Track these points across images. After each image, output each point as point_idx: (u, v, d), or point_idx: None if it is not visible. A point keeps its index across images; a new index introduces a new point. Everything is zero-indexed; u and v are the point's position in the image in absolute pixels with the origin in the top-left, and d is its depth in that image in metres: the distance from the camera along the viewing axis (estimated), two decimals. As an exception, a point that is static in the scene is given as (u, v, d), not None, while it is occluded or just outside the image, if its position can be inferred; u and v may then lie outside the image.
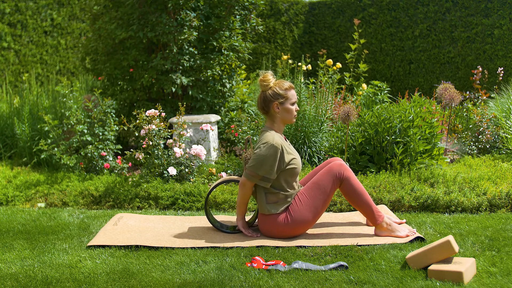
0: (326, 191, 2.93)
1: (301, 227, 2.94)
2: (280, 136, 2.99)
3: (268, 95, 2.98)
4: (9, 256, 2.73)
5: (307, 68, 6.90)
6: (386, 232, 2.92)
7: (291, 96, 3.00)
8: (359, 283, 2.32)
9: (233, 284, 2.33)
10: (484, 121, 5.08)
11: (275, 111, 2.99)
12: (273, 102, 2.97)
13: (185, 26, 4.95)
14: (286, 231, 2.93)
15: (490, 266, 2.47)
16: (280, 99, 2.97)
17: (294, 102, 3.02)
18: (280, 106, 2.98)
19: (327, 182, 2.93)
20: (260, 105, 3.03)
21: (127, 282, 2.36)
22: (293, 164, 2.95)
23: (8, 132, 5.18)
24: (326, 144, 4.49)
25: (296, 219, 2.91)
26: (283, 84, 2.99)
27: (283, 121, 3.03)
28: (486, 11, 8.90)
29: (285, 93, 2.98)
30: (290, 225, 2.92)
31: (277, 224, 2.92)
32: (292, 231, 2.94)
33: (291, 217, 2.92)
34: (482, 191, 3.57)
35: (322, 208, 2.95)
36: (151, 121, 4.02)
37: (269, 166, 2.88)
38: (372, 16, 10.07)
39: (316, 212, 2.93)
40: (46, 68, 7.82)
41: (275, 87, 2.99)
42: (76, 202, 3.83)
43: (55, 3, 7.92)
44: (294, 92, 3.03)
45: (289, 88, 3.00)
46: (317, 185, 2.94)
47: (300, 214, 2.92)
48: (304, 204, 2.93)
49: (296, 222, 2.92)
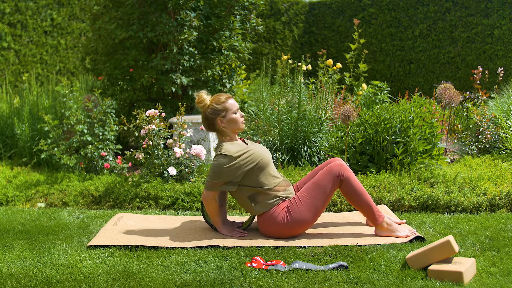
0: (326, 191, 2.93)
1: (301, 227, 2.94)
2: (235, 143, 3.00)
3: (208, 114, 3.03)
4: (9, 256, 2.73)
5: (307, 68, 6.90)
6: (386, 232, 2.93)
7: (231, 106, 3.02)
8: (359, 283, 2.32)
9: (233, 284, 2.33)
10: (484, 121, 5.08)
11: (221, 126, 3.02)
12: (216, 119, 3.01)
13: (185, 26, 4.95)
14: (285, 231, 2.93)
15: (490, 266, 2.47)
16: (221, 113, 3.01)
17: (236, 110, 3.04)
18: (223, 119, 3.01)
19: (327, 182, 2.93)
20: (205, 126, 3.08)
21: (127, 282, 2.36)
22: (252, 159, 2.93)
23: (8, 132, 5.18)
24: (326, 144, 4.49)
25: (295, 218, 2.91)
26: (219, 98, 3.03)
27: (232, 131, 3.05)
28: (486, 11, 8.90)
29: (223, 107, 3.01)
30: (290, 225, 2.92)
31: (276, 224, 2.93)
32: (292, 230, 2.94)
33: (290, 217, 2.92)
34: (482, 191, 3.57)
35: (321, 208, 2.95)
36: (151, 121, 4.02)
37: (225, 172, 2.89)
38: (372, 16, 10.07)
39: (316, 212, 2.93)
40: (46, 68, 7.82)
41: (212, 104, 3.02)
42: (76, 202, 3.83)
43: (55, 3, 7.92)
44: (233, 101, 3.05)
45: (225, 100, 3.02)
46: (317, 185, 2.94)
47: (300, 213, 2.92)
48: (304, 204, 2.93)
49: (295, 222, 2.92)
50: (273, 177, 3.00)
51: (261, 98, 4.81)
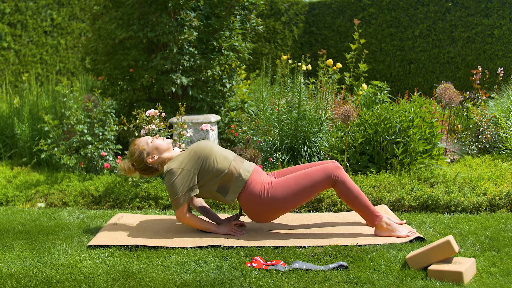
0: (314, 186, 2.93)
1: (275, 206, 2.93)
2: (175, 158, 3.03)
3: (140, 168, 3.10)
4: (9, 256, 2.73)
5: (307, 68, 6.90)
6: (386, 232, 2.92)
7: (142, 144, 3.08)
8: (359, 283, 2.32)
9: (233, 284, 2.33)
10: (484, 121, 5.08)
11: (155, 160, 3.07)
12: (146, 162, 3.07)
13: (185, 26, 4.95)
14: (260, 203, 2.93)
15: (490, 266, 2.47)
16: (144, 156, 3.06)
17: (147, 140, 3.09)
18: (149, 156, 3.06)
19: (319, 178, 2.93)
20: (149, 175, 3.13)
21: (127, 282, 2.36)
22: (194, 157, 2.96)
23: (8, 132, 5.18)
24: (326, 144, 4.49)
25: (274, 195, 2.92)
26: (132, 152, 3.10)
27: (164, 152, 3.09)
28: (486, 11, 8.90)
29: (139, 152, 3.07)
30: (267, 201, 2.92)
31: (255, 199, 2.94)
32: (265, 206, 2.93)
33: (267, 192, 2.93)
34: (482, 191, 3.57)
35: (302, 198, 2.95)
36: (151, 121, 4.02)
37: (179, 183, 2.91)
38: (372, 16, 10.07)
39: (294, 199, 2.93)
40: (46, 68, 7.82)
41: (133, 162, 3.09)
42: (76, 202, 3.83)
43: (55, 3, 7.92)
44: (139, 140, 3.11)
45: (136, 147, 3.09)
46: (308, 176, 2.95)
47: (280, 192, 2.92)
48: (287, 186, 2.94)
49: (274, 199, 2.92)
50: (224, 158, 3.00)
51: (261, 98, 4.81)
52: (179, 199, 2.93)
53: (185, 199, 2.94)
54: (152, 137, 3.15)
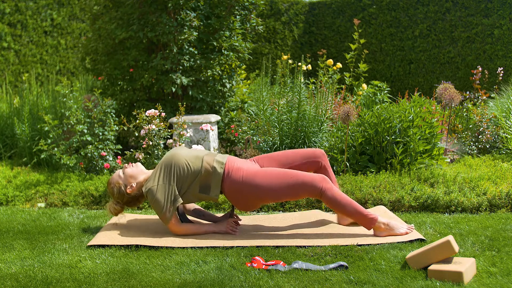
0: (295, 189, 2.92)
1: (258, 193, 2.93)
2: (148, 179, 3.04)
3: (126, 202, 3.13)
4: (9, 256, 2.73)
5: (307, 68, 6.90)
6: (385, 232, 2.92)
7: (115, 181, 3.10)
8: (359, 283, 2.32)
9: (233, 284, 2.33)
10: (484, 121, 5.08)
11: (133, 188, 3.08)
12: (127, 192, 3.09)
13: (185, 26, 4.95)
14: (243, 191, 2.94)
15: (490, 266, 2.47)
16: (122, 190, 3.09)
17: (118, 175, 3.12)
18: (127, 188, 3.08)
19: (304, 186, 2.91)
20: (135, 202, 3.14)
21: (127, 282, 2.36)
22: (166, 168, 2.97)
23: (8, 132, 5.18)
24: (326, 144, 4.49)
25: (255, 181, 2.93)
26: (111, 191, 3.13)
27: (139, 176, 3.10)
28: (486, 11, 8.90)
29: (118, 189, 3.10)
30: (247, 186, 2.93)
31: (235, 184, 2.94)
32: (248, 193, 2.94)
33: (248, 178, 2.94)
34: (482, 191, 3.57)
35: (278, 195, 2.93)
36: (151, 121, 4.02)
37: (160, 197, 2.93)
38: (372, 16, 10.07)
39: (270, 193, 2.92)
40: (46, 68, 7.82)
41: (116, 200, 3.12)
42: (76, 202, 3.83)
43: (55, 3, 7.92)
44: (110, 178, 3.13)
45: (111, 186, 3.11)
46: (293, 179, 2.92)
47: (263, 181, 2.92)
48: (267, 176, 2.94)
49: (255, 185, 2.92)
50: (195, 158, 3.01)
51: (261, 98, 4.81)
52: (165, 214, 2.95)
53: (172, 211, 2.95)
54: (120, 169, 3.19)
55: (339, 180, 3.87)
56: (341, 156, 4.24)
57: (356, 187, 3.68)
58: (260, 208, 3.65)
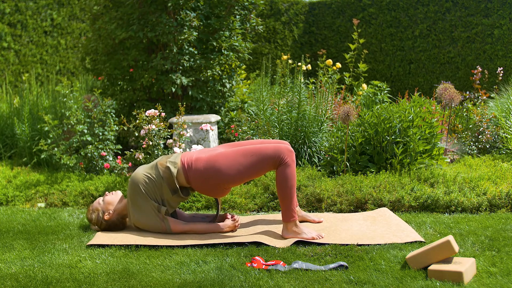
0: (263, 163, 2.92)
1: (222, 177, 2.93)
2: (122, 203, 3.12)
3: (110, 224, 3.14)
4: (9, 256, 2.73)
5: (307, 68, 6.90)
6: (292, 234, 2.93)
7: (95, 208, 3.15)
8: (359, 283, 2.32)
9: (233, 284, 2.33)
10: (484, 121, 5.08)
11: (111, 214, 3.11)
12: (104, 218, 3.11)
13: (185, 26, 4.95)
14: (207, 177, 2.95)
15: (490, 266, 2.47)
16: (100, 216, 3.12)
17: (102, 197, 3.18)
18: (105, 214, 3.11)
19: (269, 155, 2.91)
20: (114, 228, 3.16)
21: (127, 282, 2.36)
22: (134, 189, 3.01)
23: (8, 132, 5.18)
24: (326, 144, 4.49)
25: (218, 165, 2.93)
26: (90, 218, 3.16)
27: (117, 203, 3.14)
28: (486, 11, 8.90)
29: (96, 216, 3.13)
30: (203, 171, 2.94)
31: (198, 174, 2.95)
32: (212, 178, 2.94)
33: (204, 163, 2.95)
34: (482, 191, 3.57)
35: (249, 172, 2.94)
36: (151, 121, 4.02)
37: (148, 215, 3.00)
38: (372, 16, 10.08)
39: (233, 172, 2.93)
40: (46, 68, 7.82)
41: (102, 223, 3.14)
42: (76, 202, 3.83)
43: (55, 3, 7.92)
44: (96, 201, 3.18)
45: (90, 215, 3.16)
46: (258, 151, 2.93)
47: (226, 162, 2.93)
48: (228, 157, 2.95)
49: (217, 170, 2.93)
50: (151, 168, 3.05)
51: (261, 98, 4.81)
52: (161, 226, 3.01)
53: (165, 220, 3.01)
54: (101, 197, 3.24)
55: (339, 180, 3.87)
56: (341, 156, 4.24)
57: (356, 187, 3.68)
58: (260, 208, 3.65)
